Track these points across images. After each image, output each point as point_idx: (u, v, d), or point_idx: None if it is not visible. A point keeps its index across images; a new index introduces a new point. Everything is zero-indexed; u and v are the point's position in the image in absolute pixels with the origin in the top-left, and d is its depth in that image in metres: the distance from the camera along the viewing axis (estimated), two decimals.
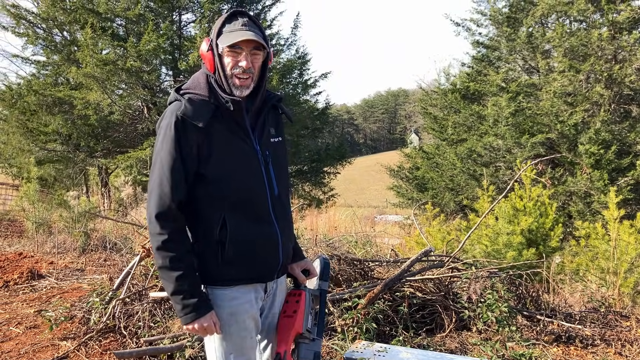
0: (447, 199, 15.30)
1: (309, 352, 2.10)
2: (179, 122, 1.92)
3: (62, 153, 15.82)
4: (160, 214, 1.92)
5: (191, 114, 1.93)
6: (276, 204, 2.10)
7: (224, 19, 2.03)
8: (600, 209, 10.84)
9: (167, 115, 1.98)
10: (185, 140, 1.93)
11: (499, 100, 13.41)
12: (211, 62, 2.03)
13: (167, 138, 1.93)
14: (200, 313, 1.95)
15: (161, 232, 1.92)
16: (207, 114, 1.95)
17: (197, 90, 2.02)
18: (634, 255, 6.16)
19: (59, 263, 6.44)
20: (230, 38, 1.97)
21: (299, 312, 2.11)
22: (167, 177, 1.93)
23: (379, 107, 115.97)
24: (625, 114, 13.25)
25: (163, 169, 1.94)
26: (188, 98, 1.98)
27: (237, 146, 2.02)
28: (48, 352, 3.83)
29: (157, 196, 1.93)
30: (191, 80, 2.08)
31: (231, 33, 1.99)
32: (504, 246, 6.59)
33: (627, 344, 4.18)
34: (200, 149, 1.96)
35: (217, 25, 2.04)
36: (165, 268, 1.93)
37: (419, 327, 4.36)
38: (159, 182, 1.94)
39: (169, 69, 16.52)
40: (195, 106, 1.95)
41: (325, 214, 13.44)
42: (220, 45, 2.00)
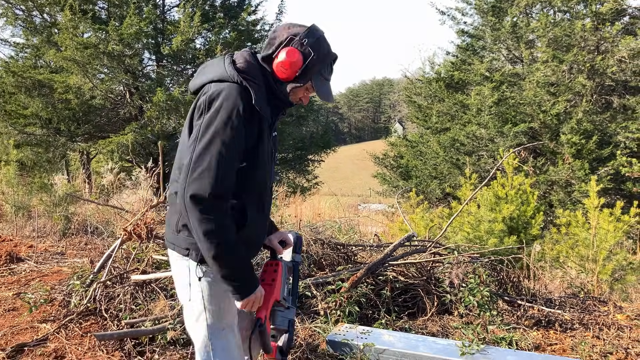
0: (433, 186, 15.39)
1: (284, 319, 2.20)
2: (248, 108, 1.89)
3: (42, 137, 15.55)
4: (218, 195, 1.84)
5: (260, 103, 1.92)
6: (270, 196, 2.22)
7: (330, 60, 2.09)
8: (581, 198, 10.99)
9: (231, 95, 1.90)
10: (249, 127, 1.92)
11: (482, 90, 13.48)
12: (288, 76, 2.01)
13: (235, 122, 1.86)
14: (251, 289, 1.98)
15: (218, 213, 1.85)
16: (265, 104, 1.97)
17: (256, 81, 1.97)
18: (612, 243, 6.26)
19: (39, 247, 6.35)
20: (323, 91, 2.06)
21: (277, 280, 2.19)
22: (228, 161, 1.86)
23: (363, 96, 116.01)
24: (607, 104, 13.41)
25: (228, 151, 1.86)
26: (252, 84, 1.94)
27: (267, 142, 2.06)
28: (27, 334, 3.77)
29: (215, 177, 1.83)
30: (244, 63, 1.99)
31: (325, 84, 2.08)
32: (485, 233, 6.65)
33: (605, 328, 4.25)
34: (254, 138, 1.97)
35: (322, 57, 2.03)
36: (219, 257, 1.87)
37: (401, 310, 4.38)
38: (217, 162, 1.84)
39: (152, 53, 16.27)
40: (260, 95, 1.94)
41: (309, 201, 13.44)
42: (315, 86, 2.04)
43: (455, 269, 4.58)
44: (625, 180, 11.46)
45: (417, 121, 17.94)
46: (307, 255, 4.71)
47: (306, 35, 1.98)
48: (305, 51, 1.98)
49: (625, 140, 12.19)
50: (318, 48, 2.00)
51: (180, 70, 16.16)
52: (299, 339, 3.51)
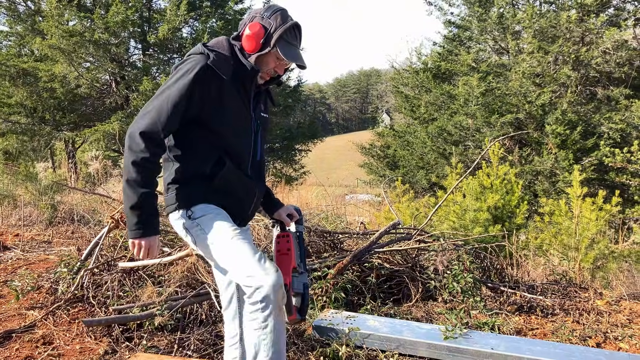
0: (420, 176, 15.48)
1: (300, 283, 2.40)
2: (205, 69, 2.14)
3: (27, 126, 15.42)
4: (147, 134, 2.08)
5: (219, 65, 2.16)
6: (255, 167, 2.40)
7: (289, 26, 2.24)
8: (565, 188, 11.13)
9: (190, 61, 2.18)
10: (202, 86, 2.14)
11: (469, 80, 13.55)
12: (256, 48, 2.25)
13: (184, 79, 2.13)
14: (148, 233, 2.14)
15: (144, 150, 2.07)
16: (230, 71, 2.20)
17: (221, 50, 2.24)
18: (594, 231, 6.36)
19: (25, 235, 6.33)
20: (290, 54, 2.25)
21: (292, 249, 2.44)
22: (167, 109, 2.11)
23: (351, 87, 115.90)
24: (591, 95, 13.55)
25: (168, 100, 2.12)
26: (216, 53, 2.19)
27: (240, 107, 2.29)
28: (15, 321, 3.79)
29: (151, 119, 2.10)
30: (214, 41, 2.31)
31: (292, 48, 2.27)
32: (470, 222, 6.73)
33: (585, 313, 4.35)
34: (214, 98, 2.18)
35: (279, 24, 2.23)
36: (136, 182, 2.08)
37: (386, 297, 4.45)
38: (158, 108, 2.12)
39: (138, 42, 16.16)
40: (221, 61, 2.19)
41: (296, 191, 13.46)
42: (280, 50, 2.22)
43: (440, 256, 4.65)
44: (609, 171, 11.61)
45: (404, 111, 17.99)
46: None
47: (265, 10, 2.27)
48: (265, 23, 2.24)
49: (609, 131, 12.33)
50: (277, 17, 2.25)
51: (167, 59, 16.07)
52: (286, 324, 3.56)
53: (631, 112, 12.04)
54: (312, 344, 3.44)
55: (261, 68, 2.29)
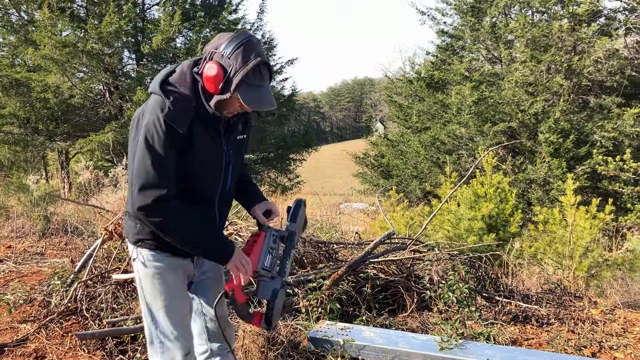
0: (413, 186, 15.51)
1: (267, 289, 2.22)
2: (166, 123, 1.98)
3: (20, 136, 15.34)
4: (157, 199, 1.98)
5: (174, 119, 1.98)
6: (224, 197, 2.30)
7: (250, 68, 1.99)
8: (558, 196, 11.17)
9: (152, 111, 2.01)
10: (172, 138, 1.99)
11: (462, 89, 13.62)
12: (214, 90, 2.03)
13: (160, 133, 1.97)
14: (230, 251, 2.14)
15: (163, 213, 2.01)
16: (188, 119, 2.02)
17: (182, 90, 2.04)
18: (588, 240, 6.37)
19: (18, 247, 6.29)
20: (252, 99, 2.01)
21: (253, 252, 2.23)
22: (167, 165, 2.01)
23: (345, 96, 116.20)
24: (583, 104, 13.65)
25: (162, 157, 1.99)
26: (172, 100, 2.00)
27: (209, 147, 2.14)
28: (7, 335, 3.75)
29: (150, 186, 1.98)
30: (178, 74, 2.09)
31: (255, 92, 2.02)
32: (465, 231, 6.74)
33: (580, 322, 4.35)
34: (183, 146, 2.05)
35: (240, 66, 1.98)
36: (187, 234, 2.06)
37: (381, 307, 4.43)
38: (149, 173, 1.98)
39: (132, 52, 16.15)
40: (178, 109, 1.99)
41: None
42: (241, 97, 1.99)
43: (435, 266, 4.64)
44: (602, 179, 11.67)
45: (398, 120, 18.06)
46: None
47: (226, 46, 2.00)
48: (224, 63, 1.99)
49: (601, 139, 12.41)
50: (238, 57, 1.98)
51: (161, 69, 16.04)
52: (281, 337, 3.54)
53: (623, 121, 12.13)
54: (308, 356, 3.43)
55: (226, 109, 2.10)
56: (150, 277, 2.22)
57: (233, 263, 2.13)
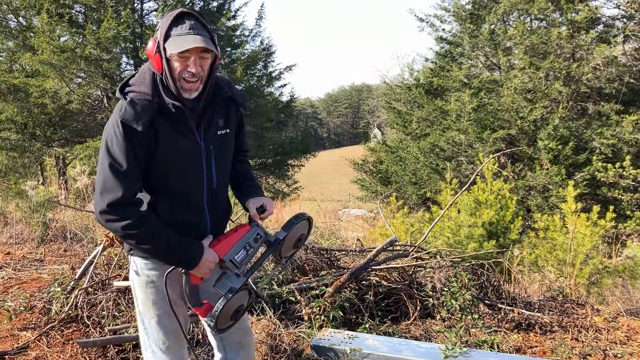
0: (410, 192, 15.50)
1: (225, 285, 2.06)
2: (123, 124, 1.93)
3: (17, 142, 15.29)
4: (114, 204, 1.93)
5: (131, 118, 1.92)
6: (212, 196, 2.21)
7: (171, 21, 1.98)
8: (558, 203, 11.17)
9: (112, 115, 1.99)
10: (134, 139, 1.94)
11: (461, 96, 13.64)
12: (159, 64, 2.00)
13: (118, 135, 1.93)
14: (198, 254, 2.05)
15: (119, 218, 1.94)
16: (147, 117, 1.95)
17: (141, 88, 2.01)
18: (589, 247, 6.36)
19: (17, 253, 6.24)
20: (178, 44, 1.94)
21: (227, 240, 2.11)
22: (124, 170, 1.94)
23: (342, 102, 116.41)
24: (582, 111, 13.67)
25: (118, 162, 1.94)
26: (130, 100, 1.96)
27: (179, 143, 2.06)
28: (7, 343, 3.71)
29: (107, 192, 1.93)
30: (138, 74, 2.07)
31: (179, 37, 1.95)
32: (465, 238, 6.72)
33: (583, 330, 4.33)
34: (148, 145, 1.99)
35: (163, 27, 1.98)
36: (146, 239, 1.99)
37: (384, 315, 4.41)
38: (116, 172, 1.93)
39: (130, 57, 16.13)
40: (137, 109, 1.94)
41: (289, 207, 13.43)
42: (169, 50, 1.96)
43: (437, 273, 4.62)
44: (601, 185, 11.68)
45: (396, 127, 18.06)
46: (291, 260, 4.72)
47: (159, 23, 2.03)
48: (156, 33, 2.02)
49: (601, 146, 12.43)
50: (162, 21, 2.01)
51: None
52: (284, 345, 3.51)
53: (622, 128, 12.16)
54: None
55: (175, 78, 2.00)
56: (143, 286, 2.20)
57: (203, 266, 2.05)
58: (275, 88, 20.88)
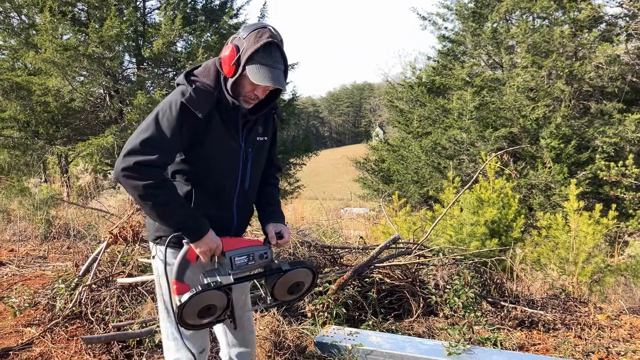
0: (412, 191, 15.49)
1: (212, 275, 2.07)
2: (184, 106, 2.03)
3: (20, 140, 15.30)
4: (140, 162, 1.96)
5: (194, 103, 2.03)
6: (242, 197, 2.30)
7: (260, 46, 2.03)
8: (560, 202, 11.16)
9: (174, 93, 2.08)
10: (186, 122, 2.05)
11: (463, 94, 13.62)
12: (230, 72, 2.09)
13: (173, 112, 2.03)
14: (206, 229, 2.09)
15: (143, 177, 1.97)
16: (208, 106, 2.07)
17: (205, 80, 2.12)
18: (591, 245, 6.37)
19: (20, 250, 6.26)
20: (260, 76, 2.02)
21: (237, 240, 2.16)
22: (164, 140, 2.02)
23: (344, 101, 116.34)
24: (585, 109, 13.64)
25: (162, 131, 2.01)
26: (195, 87, 2.06)
27: (226, 140, 2.17)
28: (12, 339, 3.72)
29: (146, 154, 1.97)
30: (203, 67, 2.17)
31: (262, 68, 2.03)
32: (467, 236, 6.72)
33: (586, 328, 4.33)
34: (196, 132, 2.09)
35: (250, 46, 2.04)
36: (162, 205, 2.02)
37: (387, 312, 4.42)
38: (155, 138, 2.00)
39: (133, 56, 16.12)
40: (199, 96, 2.05)
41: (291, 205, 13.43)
42: (248, 73, 2.04)
43: (440, 271, 4.63)
44: (603, 184, 11.66)
45: (398, 125, 18.04)
46: (294, 257, 4.73)
47: (244, 29, 2.10)
48: (239, 43, 2.07)
49: (603, 144, 12.40)
50: (251, 36, 2.05)
51: (161, 73, 16.06)
52: (287, 341, 3.52)
53: (624, 126, 12.13)
54: None
55: (240, 92, 2.13)
56: None
57: (204, 242, 2.08)
58: None
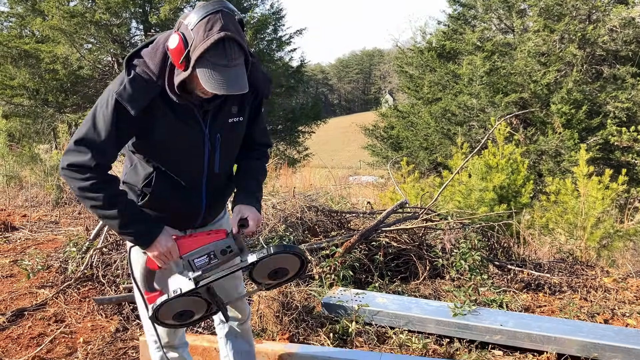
0: (422, 157, 15.46)
1: (175, 283, 1.92)
2: (117, 101, 1.78)
3: (30, 108, 15.39)
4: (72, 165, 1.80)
5: (127, 98, 1.76)
6: (212, 181, 2.07)
7: (212, 43, 1.67)
8: (570, 167, 11.11)
9: (113, 83, 1.84)
10: (122, 119, 1.80)
11: (474, 59, 13.46)
12: (181, 67, 1.75)
13: (108, 108, 1.80)
14: (155, 232, 1.89)
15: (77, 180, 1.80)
16: (145, 100, 1.79)
17: (149, 65, 1.81)
18: (600, 210, 6.35)
19: (33, 216, 6.35)
20: (214, 84, 1.70)
21: (194, 239, 1.94)
22: (98, 139, 1.81)
23: (353, 67, 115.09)
24: (597, 74, 13.45)
25: (97, 129, 1.81)
26: (132, 77, 1.78)
27: (180, 130, 1.91)
28: (26, 300, 3.82)
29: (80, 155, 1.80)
30: (152, 47, 1.84)
31: (215, 73, 1.69)
32: (476, 202, 6.73)
33: (592, 290, 4.36)
34: (138, 126, 1.86)
35: (200, 39, 1.68)
36: (100, 207, 1.83)
37: (394, 275, 4.46)
38: (89, 138, 1.81)
39: (140, 22, 16.05)
40: (136, 89, 1.77)
41: (299, 173, 13.45)
42: (199, 77, 1.71)
43: (447, 235, 4.65)
44: (614, 150, 11.58)
45: (408, 91, 17.91)
46: (302, 222, 4.76)
47: (192, 16, 1.71)
48: (187, 35, 1.70)
49: (615, 110, 12.27)
50: (200, 30, 1.68)
51: None
52: (295, 302, 3.58)
53: (637, 91, 11.97)
54: (322, 321, 3.46)
55: (193, 87, 1.82)
56: (136, 249, 2.01)
57: (155, 248, 1.88)
58: (285, 53, 20.72)
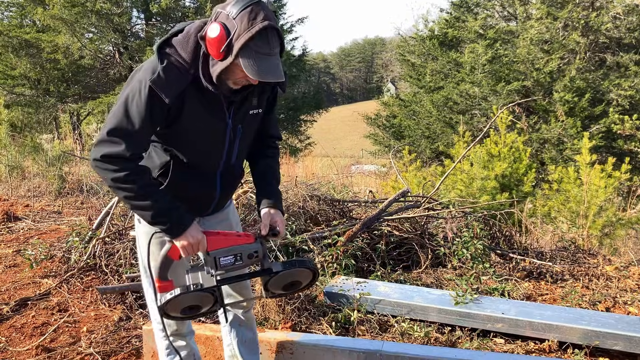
0: (424, 146, 15.44)
1: (195, 277, 1.96)
2: (151, 89, 1.81)
3: (32, 98, 15.39)
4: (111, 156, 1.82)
5: (161, 86, 1.80)
6: (227, 171, 2.13)
7: (256, 32, 1.72)
8: (572, 156, 11.08)
9: (144, 71, 1.86)
10: (156, 106, 1.83)
11: (476, 47, 13.38)
12: (216, 55, 1.80)
13: (142, 96, 1.82)
14: (187, 223, 1.91)
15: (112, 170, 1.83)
16: (178, 89, 1.84)
17: (182, 54, 1.85)
18: (603, 198, 6.34)
19: (35, 206, 6.37)
20: (260, 71, 1.75)
21: (224, 238, 1.97)
22: (133, 129, 1.83)
23: (355, 56, 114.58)
24: (600, 62, 13.37)
25: (131, 119, 1.83)
26: (165, 65, 1.81)
27: (206, 120, 1.96)
28: (29, 289, 3.84)
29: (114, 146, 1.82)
30: (183, 35, 1.88)
31: (260, 61, 1.75)
32: (478, 191, 6.72)
33: (594, 279, 4.36)
34: (169, 113, 1.89)
35: (244, 28, 1.72)
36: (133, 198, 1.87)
37: (396, 264, 4.47)
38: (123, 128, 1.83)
39: (141, 11, 15.99)
40: (170, 77, 1.81)
41: (302, 162, 13.45)
42: (244, 65, 1.75)
43: (449, 223, 4.66)
44: (617, 138, 11.53)
45: (410, 80, 17.84)
46: (304, 211, 4.77)
47: (233, 6, 1.75)
48: (228, 24, 1.75)
49: (618, 97, 12.21)
50: (243, 19, 1.73)
51: (170, 29, 15.93)
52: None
53: None
54: (324, 310, 3.47)
55: (229, 78, 1.86)
56: (145, 236, 2.08)
57: (185, 238, 1.90)
58: (287, 41, 20.62)
